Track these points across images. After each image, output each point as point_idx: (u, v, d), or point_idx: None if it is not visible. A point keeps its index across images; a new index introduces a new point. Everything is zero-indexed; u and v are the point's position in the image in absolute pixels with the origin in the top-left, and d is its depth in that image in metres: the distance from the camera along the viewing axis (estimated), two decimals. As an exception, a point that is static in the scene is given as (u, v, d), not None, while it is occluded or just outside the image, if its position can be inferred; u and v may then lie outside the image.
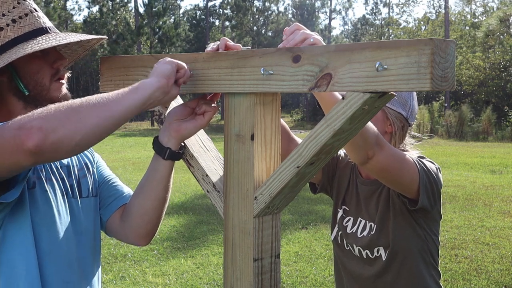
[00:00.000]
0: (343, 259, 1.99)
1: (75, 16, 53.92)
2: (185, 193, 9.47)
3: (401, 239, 1.83)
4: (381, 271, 1.87)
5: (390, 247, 1.84)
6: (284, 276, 5.19)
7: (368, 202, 1.92)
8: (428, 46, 0.95)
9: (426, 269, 1.87)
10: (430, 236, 1.87)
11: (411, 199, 1.78)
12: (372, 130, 1.58)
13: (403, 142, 1.92)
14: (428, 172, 1.76)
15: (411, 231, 1.84)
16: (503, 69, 28.31)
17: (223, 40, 1.36)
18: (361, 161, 1.63)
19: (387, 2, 50.21)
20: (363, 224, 1.92)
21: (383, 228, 1.85)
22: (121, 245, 6.22)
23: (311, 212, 7.96)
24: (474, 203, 8.41)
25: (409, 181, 1.72)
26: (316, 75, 1.11)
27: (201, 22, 48.70)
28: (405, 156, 1.73)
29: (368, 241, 1.88)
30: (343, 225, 1.98)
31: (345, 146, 1.60)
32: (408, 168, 1.71)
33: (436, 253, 1.92)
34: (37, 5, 1.49)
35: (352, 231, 1.94)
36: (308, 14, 44.14)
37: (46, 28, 1.43)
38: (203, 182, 1.39)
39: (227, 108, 1.29)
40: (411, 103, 1.88)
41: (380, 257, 1.87)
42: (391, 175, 1.69)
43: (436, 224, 1.90)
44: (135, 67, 1.47)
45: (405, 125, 1.88)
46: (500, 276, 5.16)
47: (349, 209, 1.99)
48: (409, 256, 1.84)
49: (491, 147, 17.80)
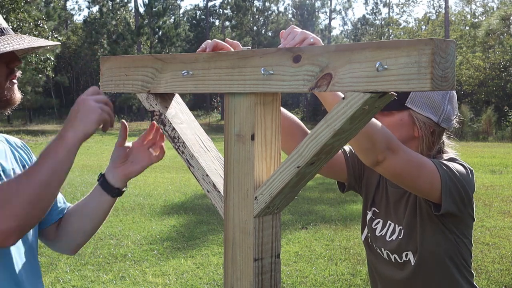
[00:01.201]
0: (374, 261, 1.94)
1: (75, 16, 53.94)
2: (185, 193, 9.47)
3: (430, 244, 1.77)
4: (411, 275, 1.81)
5: (418, 252, 1.78)
6: (284, 276, 5.20)
7: (397, 205, 1.86)
8: (428, 46, 0.95)
9: (458, 273, 1.81)
10: (462, 240, 1.80)
11: (436, 203, 1.71)
12: (382, 134, 1.54)
13: (440, 146, 1.86)
14: (454, 176, 1.68)
15: (440, 235, 1.77)
16: (503, 69, 28.33)
17: (214, 41, 1.39)
18: (371, 164, 1.58)
19: (387, 2, 50.22)
20: (392, 228, 1.86)
21: (412, 232, 1.79)
22: (121, 245, 6.23)
23: (311, 212, 7.96)
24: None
25: (429, 187, 1.65)
26: (317, 75, 1.11)
27: (201, 22, 48.72)
28: (424, 161, 1.66)
29: (396, 246, 1.82)
30: (372, 227, 1.92)
31: (354, 148, 1.58)
32: (427, 173, 1.64)
33: (469, 255, 1.85)
34: (37, 5, 1.51)
35: (381, 234, 1.89)
36: (308, 14, 44.15)
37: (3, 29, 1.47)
38: (203, 182, 1.39)
39: (227, 108, 1.30)
40: (445, 107, 1.80)
41: (409, 262, 1.81)
42: (406, 180, 1.63)
43: (468, 228, 1.83)
44: (135, 67, 1.47)
45: (436, 130, 1.81)
46: (500, 276, 5.16)
47: (378, 211, 1.93)
48: (440, 260, 1.78)
49: (491, 147, 17.81)
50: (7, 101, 1.47)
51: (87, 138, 1.37)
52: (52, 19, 30.90)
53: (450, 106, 1.82)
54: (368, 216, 1.97)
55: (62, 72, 37.46)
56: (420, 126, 1.79)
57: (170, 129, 1.42)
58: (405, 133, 1.80)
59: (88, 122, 1.36)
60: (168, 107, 1.46)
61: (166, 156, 1.68)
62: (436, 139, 1.83)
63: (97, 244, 6.25)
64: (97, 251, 6.00)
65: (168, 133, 1.43)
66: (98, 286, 4.99)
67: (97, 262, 5.61)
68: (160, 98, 1.45)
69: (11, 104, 1.50)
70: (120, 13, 40.83)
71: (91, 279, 5.13)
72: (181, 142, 1.40)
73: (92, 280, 5.11)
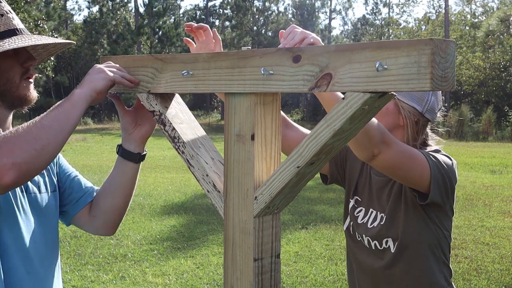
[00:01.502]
0: (354, 249, 1.98)
1: (75, 16, 53.97)
2: (185, 193, 9.47)
3: (411, 232, 1.82)
4: (390, 263, 1.85)
5: (399, 239, 1.82)
6: (284, 276, 5.20)
7: (380, 193, 1.91)
8: (428, 46, 0.96)
9: (436, 265, 1.86)
10: (442, 232, 1.86)
11: (422, 193, 1.76)
12: (377, 128, 1.58)
13: (425, 137, 1.91)
14: (441, 167, 1.74)
15: (422, 224, 1.82)
16: (503, 69, 28.32)
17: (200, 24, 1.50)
18: (366, 158, 1.63)
19: (387, 2, 50.21)
20: (374, 215, 1.91)
21: (394, 219, 1.84)
22: (121, 245, 6.22)
23: (311, 212, 7.96)
24: (474, 203, 8.41)
25: (419, 177, 1.71)
26: (316, 75, 1.11)
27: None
28: (414, 152, 1.72)
29: (377, 232, 1.87)
30: (355, 215, 1.97)
31: (350, 143, 1.60)
32: (417, 164, 1.70)
33: (448, 249, 1.90)
34: (37, 5, 1.56)
35: (363, 222, 1.93)
36: (308, 14, 44.14)
37: (20, 29, 1.54)
38: (203, 182, 1.39)
39: (227, 108, 1.30)
40: (429, 98, 1.85)
41: (388, 249, 1.85)
42: (399, 172, 1.69)
43: (449, 220, 1.88)
44: (135, 67, 1.47)
45: (420, 120, 1.86)
46: (500, 276, 5.16)
47: (361, 200, 1.98)
48: (419, 250, 1.83)
49: (491, 147, 17.80)
50: (22, 99, 1.54)
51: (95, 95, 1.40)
52: (52, 19, 30.91)
53: (435, 98, 1.88)
54: (350, 204, 2.01)
55: (62, 72, 37.45)
56: (405, 115, 1.84)
57: (170, 129, 1.42)
58: (391, 121, 1.84)
59: (96, 79, 1.41)
60: (168, 107, 1.46)
61: (166, 156, 1.70)
62: (420, 130, 1.88)
63: (97, 244, 6.25)
64: (97, 251, 6.00)
65: (168, 133, 1.43)
66: (98, 286, 4.99)
67: (97, 262, 5.61)
68: (160, 98, 1.45)
69: (27, 102, 1.57)
70: (120, 13, 40.81)
71: (91, 279, 5.13)
72: (181, 142, 1.40)
73: (92, 280, 5.11)
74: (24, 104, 1.57)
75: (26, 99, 1.55)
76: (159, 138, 18.10)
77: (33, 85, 1.59)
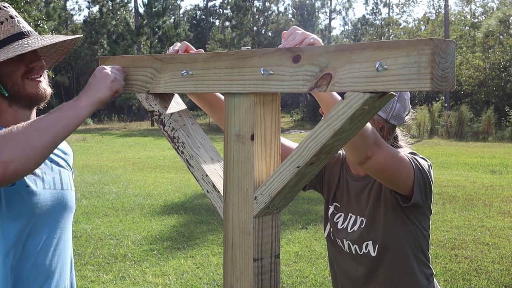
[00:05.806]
0: (336, 255, 2.01)
1: (75, 16, 53.98)
2: (185, 193, 9.47)
3: (392, 234, 1.85)
4: (372, 267, 1.88)
5: (380, 242, 1.86)
6: (284, 276, 5.20)
7: (359, 197, 1.94)
8: (428, 46, 0.95)
9: (417, 265, 1.89)
10: (421, 232, 1.89)
11: (404, 195, 1.80)
12: (370, 130, 1.60)
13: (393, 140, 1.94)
14: (422, 169, 1.79)
15: (402, 226, 1.86)
16: (503, 69, 28.32)
17: (184, 44, 1.47)
18: (360, 161, 1.64)
19: (387, 2, 50.21)
20: (353, 220, 1.94)
21: (373, 222, 1.87)
22: (121, 245, 6.23)
23: (311, 212, 7.96)
24: (474, 203, 8.41)
25: (405, 179, 1.75)
26: (316, 75, 1.11)
27: (201, 22, 48.73)
28: (401, 155, 1.75)
29: (358, 236, 1.89)
30: (334, 221, 2.00)
31: (346, 147, 1.61)
32: (404, 167, 1.74)
33: (427, 248, 1.94)
34: (37, 6, 1.61)
35: (342, 227, 1.96)
36: (308, 14, 44.15)
37: (27, 32, 1.60)
38: (203, 182, 1.39)
39: (227, 108, 1.29)
40: (394, 105, 1.88)
41: (368, 254, 1.88)
42: (389, 174, 1.72)
43: (427, 219, 1.92)
44: (135, 67, 1.47)
45: (385, 127, 1.89)
46: (500, 276, 5.16)
47: (340, 206, 2.01)
48: (400, 250, 1.86)
49: (491, 147, 17.80)
50: (31, 97, 1.59)
51: (100, 105, 1.44)
52: (52, 19, 30.91)
53: (400, 104, 1.91)
54: (330, 211, 2.04)
55: (62, 72, 37.44)
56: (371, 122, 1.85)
57: (169, 129, 1.42)
58: None
59: (102, 89, 1.43)
60: (168, 107, 1.46)
61: (166, 156, 1.70)
62: (386, 135, 1.91)
63: (97, 244, 6.25)
64: (97, 251, 6.00)
65: (167, 133, 1.43)
66: (98, 286, 4.99)
67: (97, 262, 5.61)
68: (159, 98, 1.45)
69: (39, 100, 1.62)
70: (120, 13, 40.82)
71: (91, 279, 5.13)
72: (180, 142, 1.40)
73: (92, 280, 5.11)
74: (37, 101, 1.62)
75: (36, 97, 1.60)
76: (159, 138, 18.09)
77: (46, 82, 1.64)
